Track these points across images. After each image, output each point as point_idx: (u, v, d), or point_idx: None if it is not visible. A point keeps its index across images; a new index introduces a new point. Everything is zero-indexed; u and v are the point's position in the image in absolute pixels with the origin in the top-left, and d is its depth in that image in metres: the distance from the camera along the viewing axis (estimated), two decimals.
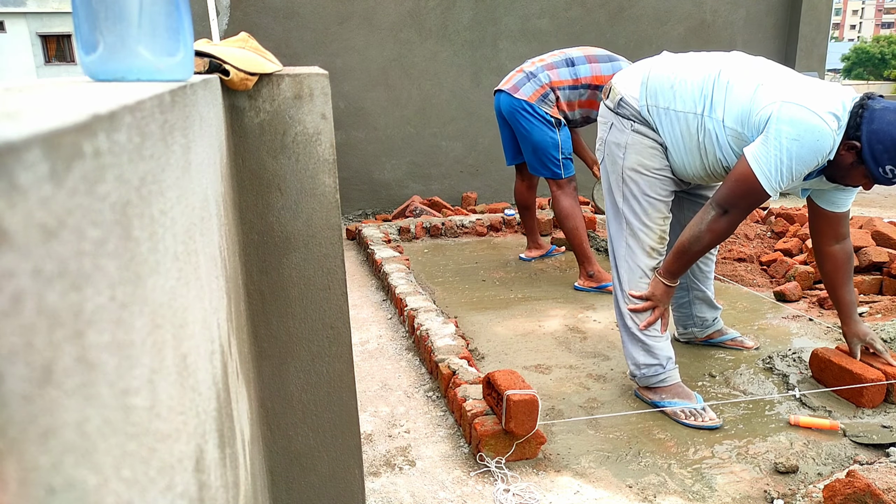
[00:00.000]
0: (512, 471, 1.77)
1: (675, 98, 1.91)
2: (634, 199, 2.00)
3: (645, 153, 1.97)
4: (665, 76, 1.94)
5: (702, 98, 1.87)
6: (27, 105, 0.33)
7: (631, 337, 2.08)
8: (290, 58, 4.90)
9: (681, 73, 1.92)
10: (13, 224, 0.21)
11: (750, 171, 1.75)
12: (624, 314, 2.08)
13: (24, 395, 0.22)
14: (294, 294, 1.06)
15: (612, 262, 2.12)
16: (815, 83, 1.78)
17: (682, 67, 1.94)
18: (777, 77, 1.82)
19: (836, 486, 1.50)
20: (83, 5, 0.57)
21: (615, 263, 2.10)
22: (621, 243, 2.06)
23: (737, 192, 1.80)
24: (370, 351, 2.64)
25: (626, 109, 1.99)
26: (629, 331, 2.07)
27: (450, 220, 4.55)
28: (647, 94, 1.96)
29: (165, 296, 0.41)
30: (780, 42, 6.18)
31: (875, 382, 2.04)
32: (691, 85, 1.89)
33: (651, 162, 1.97)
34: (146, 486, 0.34)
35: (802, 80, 1.80)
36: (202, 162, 0.62)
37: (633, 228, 2.02)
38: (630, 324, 2.07)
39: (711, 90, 1.86)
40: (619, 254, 2.07)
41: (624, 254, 2.05)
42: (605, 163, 2.08)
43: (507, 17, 5.45)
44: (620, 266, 2.07)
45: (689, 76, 1.91)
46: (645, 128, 1.97)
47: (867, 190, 1.81)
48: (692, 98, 1.89)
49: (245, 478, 0.77)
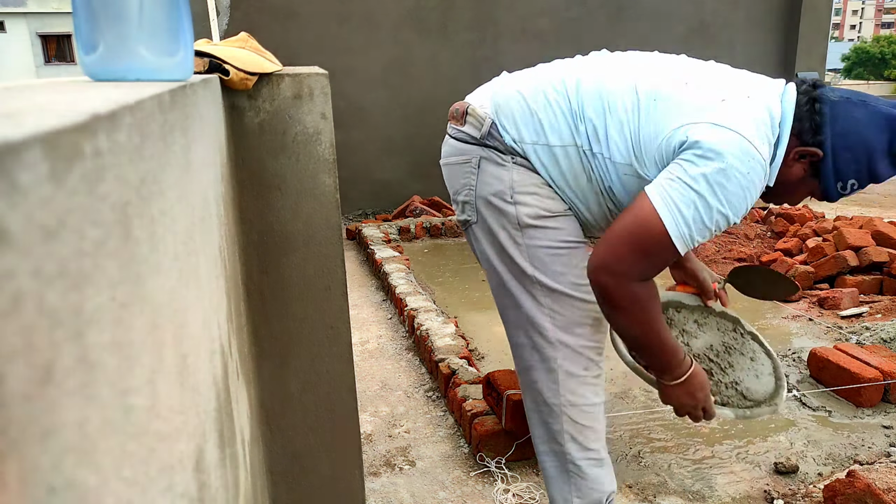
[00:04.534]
0: (512, 471, 1.77)
1: (544, 129, 1.27)
2: (549, 255, 1.29)
3: (542, 192, 1.29)
4: (516, 99, 1.30)
5: (573, 123, 1.26)
6: (27, 105, 0.33)
7: (561, 469, 1.37)
8: (290, 58, 4.89)
9: (537, 95, 1.29)
10: (13, 224, 0.21)
11: (648, 208, 1.13)
12: (557, 433, 1.34)
13: (25, 395, 0.22)
14: (294, 294, 1.06)
15: (524, 365, 1.35)
16: (729, 80, 1.22)
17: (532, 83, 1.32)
18: (675, 81, 1.21)
19: (836, 486, 1.50)
20: (83, 5, 0.57)
21: (532, 363, 1.33)
22: (544, 325, 1.30)
23: (624, 240, 1.16)
24: (370, 351, 2.64)
25: (497, 140, 1.30)
26: (562, 458, 1.36)
27: (450, 220, 4.55)
28: (506, 125, 1.30)
29: (165, 296, 0.41)
30: (780, 42, 6.19)
31: (873, 382, 2.04)
32: (556, 107, 1.27)
33: (553, 203, 1.30)
34: (146, 486, 0.34)
35: (713, 82, 1.21)
36: (202, 162, 0.62)
37: (558, 297, 1.28)
38: (569, 447, 1.34)
39: (581, 112, 1.25)
40: (542, 344, 1.31)
41: (553, 340, 1.30)
42: (485, 221, 1.32)
43: (507, 17, 5.46)
44: (549, 362, 1.31)
45: (549, 95, 1.28)
46: (527, 161, 1.30)
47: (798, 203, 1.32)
48: (565, 125, 1.26)
49: (245, 478, 0.77)
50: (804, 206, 4.43)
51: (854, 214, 4.45)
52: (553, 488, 1.40)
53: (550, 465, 1.39)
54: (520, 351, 1.36)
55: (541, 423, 1.37)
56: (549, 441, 1.37)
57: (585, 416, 1.33)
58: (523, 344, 1.35)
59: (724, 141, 1.10)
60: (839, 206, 5.62)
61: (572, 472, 1.35)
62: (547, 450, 1.38)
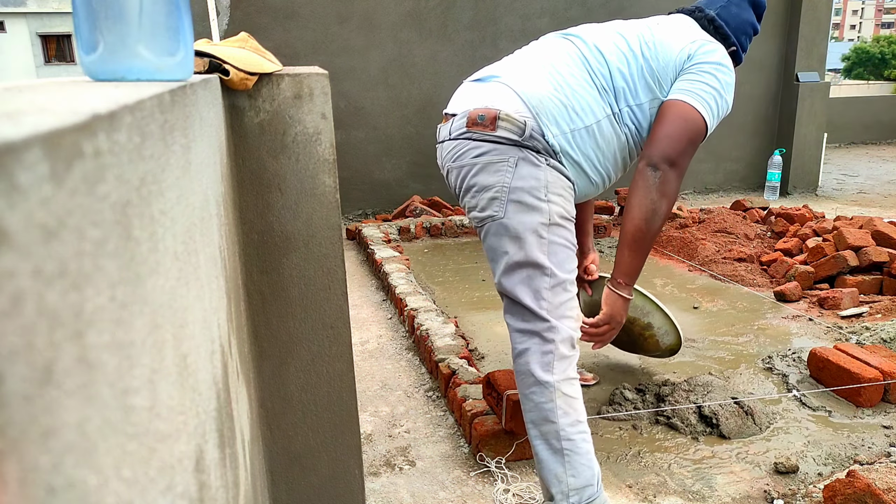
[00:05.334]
0: (512, 471, 1.77)
1: (578, 114, 1.49)
2: (564, 251, 1.46)
3: (566, 195, 1.49)
4: (550, 97, 1.48)
5: (602, 95, 1.52)
6: (27, 105, 0.33)
7: (554, 449, 1.45)
8: (290, 58, 4.89)
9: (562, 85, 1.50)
10: (13, 224, 0.21)
11: (690, 108, 1.50)
12: (550, 411, 1.44)
13: (25, 396, 0.22)
14: (294, 294, 1.06)
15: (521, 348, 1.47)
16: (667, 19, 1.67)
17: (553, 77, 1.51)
18: (648, 24, 1.63)
19: (836, 486, 1.50)
20: (83, 5, 0.57)
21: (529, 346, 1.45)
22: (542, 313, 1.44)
23: (682, 137, 1.49)
24: (370, 351, 2.64)
25: (538, 142, 1.45)
26: (555, 437, 1.44)
27: (450, 220, 4.55)
28: (548, 124, 1.46)
29: (165, 296, 0.41)
30: (780, 42, 6.19)
31: (873, 382, 2.04)
32: (581, 89, 1.50)
33: (571, 207, 1.50)
34: (146, 486, 0.34)
35: (670, 23, 1.64)
36: (202, 162, 0.62)
37: (558, 290, 1.45)
38: (562, 422, 1.43)
39: (604, 79, 1.53)
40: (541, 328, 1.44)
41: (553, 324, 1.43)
42: (513, 216, 1.44)
43: (507, 17, 5.46)
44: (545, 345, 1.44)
45: (571, 81, 1.51)
46: (557, 163, 1.48)
47: None
48: (595, 102, 1.51)
49: (245, 478, 0.77)
50: (804, 207, 4.43)
51: (854, 214, 4.45)
52: (546, 471, 1.47)
53: (543, 448, 1.46)
54: (517, 336, 1.49)
55: (534, 406, 1.47)
56: (541, 422, 1.46)
57: (572, 387, 1.46)
58: (521, 329, 1.47)
59: (717, 51, 1.56)
60: (839, 207, 5.62)
61: (566, 449, 1.44)
62: (538, 433, 1.47)
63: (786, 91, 6.26)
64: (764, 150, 6.39)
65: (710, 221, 4.19)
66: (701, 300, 3.16)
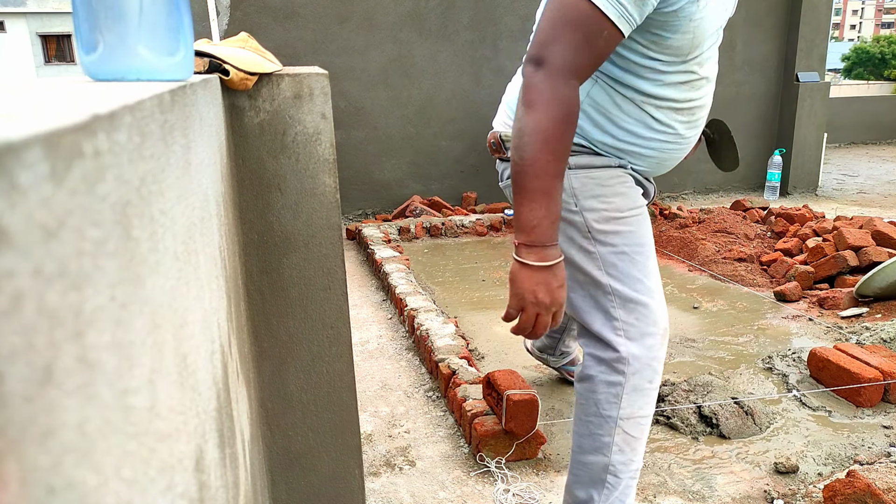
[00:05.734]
0: (512, 471, 1.77)
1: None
2: (624, 260, 1.26)
3: (606, 190, 1.25)
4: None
5: None
6: (27, 105, 0.33)
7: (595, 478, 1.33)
8: (290, 58, 4.89)
9: None
10: (13, 224, 0.21)
11: None
12: (605, 445, 1.30)
13: (25, 395, 0.22)
14: (294, 294, 1.06)
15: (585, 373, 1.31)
16: None
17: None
18: None
19: (836, 486, 1.50)
20: (83, 5, 0.57)
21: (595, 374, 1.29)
22: (615, 341, 1.26)
23: (549, 22, 1.06)
24: (370, 351, 2.64)
25: None
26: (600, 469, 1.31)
27: (450, 220, 4.55)
28: None
29: (165, 296, 0.41)
30: (780, 42, 6.19)
31: (873, 382, 2.04)
32: None
33: (619, 200, 1.26)
34: (146, 486, 0.34)
35: None
36: (202, 162, 0.62)
37: (633, 307, 1.26)
38: (615, 458, 1.30)
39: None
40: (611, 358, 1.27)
41: (625, 355, 1.26)
42: None
43: (507, 17, 5.45)
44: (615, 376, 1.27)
45: None
46: (588, 157, 1.26)
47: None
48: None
49: (245, 478, 0.77)
50: (804, 207, 4.43)
51: (854, 214, 4.45)
52: (578, 489, 1.36)
53: (583, 473, 1.34)
54: (586, 358, 1.32)
55: (588, 433, 1.32)
56: (591, 451, 1.32)
57: (639, 429, 1.29)
58: (589, 353, 1.30)
59: None
60: (839, 207, 5.62)
61: (608, 482, 1.31)
62: (583, 460, 1.34)
63: (786, 91, 6.26)
64: (764, 150, 6.39)
65: (709, 221, 4.19)
66: (701, 300, 3.16)
